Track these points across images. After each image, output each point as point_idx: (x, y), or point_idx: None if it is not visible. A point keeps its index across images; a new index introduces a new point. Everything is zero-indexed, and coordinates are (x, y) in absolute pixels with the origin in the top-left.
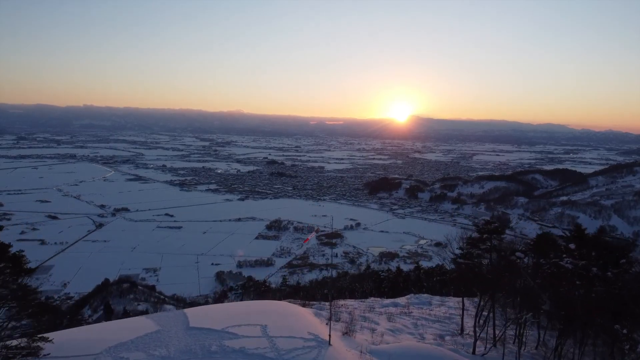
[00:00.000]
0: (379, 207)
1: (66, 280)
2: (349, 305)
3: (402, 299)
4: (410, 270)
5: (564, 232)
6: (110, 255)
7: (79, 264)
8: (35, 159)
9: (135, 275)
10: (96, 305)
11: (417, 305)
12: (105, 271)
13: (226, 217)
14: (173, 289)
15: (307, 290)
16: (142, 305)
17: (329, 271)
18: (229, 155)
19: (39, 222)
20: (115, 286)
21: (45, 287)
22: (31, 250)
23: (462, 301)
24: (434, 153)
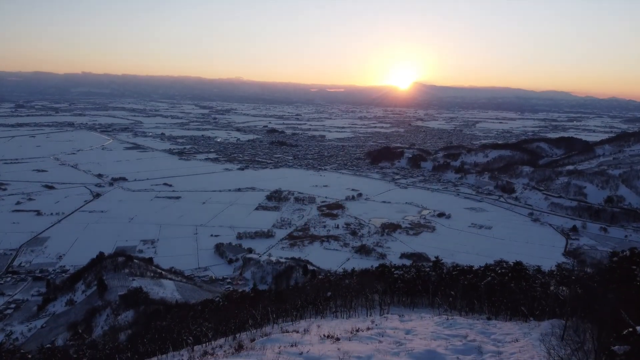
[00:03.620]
0: (381, 177)
1: (61, 253)
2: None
3: (430, 324)
4: (429, 269)
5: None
6: (107, 227)
7: (75, 235)
8: (32, 127)
9: (133, 247)
10: (90, 280)
11: (460, 351)
12: (102, 243)
13: (225, 187)
14: (171, 261)
15: (298, 292)
16: (137, 281)
17: (329, 242)
18: (229, 124)
19: (35, 192)
20: (110, 260)
21: (40, 260)
22: (27, 221)
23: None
24: (437, 121)
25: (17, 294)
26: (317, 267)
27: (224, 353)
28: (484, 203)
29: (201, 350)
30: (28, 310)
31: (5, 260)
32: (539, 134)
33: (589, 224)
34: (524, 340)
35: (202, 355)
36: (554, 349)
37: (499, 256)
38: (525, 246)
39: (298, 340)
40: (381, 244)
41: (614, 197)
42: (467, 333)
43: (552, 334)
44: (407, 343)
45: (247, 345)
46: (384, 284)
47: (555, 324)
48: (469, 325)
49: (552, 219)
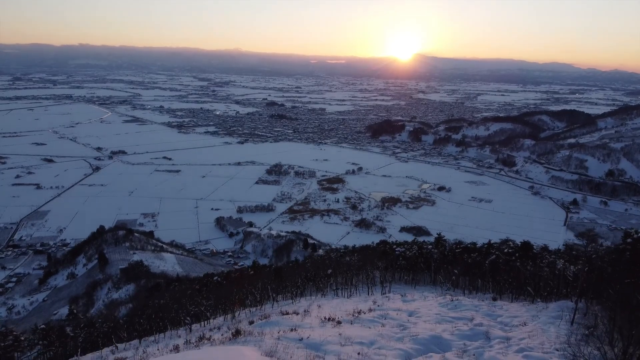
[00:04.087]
0: (382, 150)
1: (62, 226)
2: (353, 321)
3: (433, 305)
4: (432, 246)
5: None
6: (107, 200)
7: (75, 209)
8: (31, 100)
9: (133, 221)
10: (91, 254)
11: (467, 336)
12: (102, 217)
13: (225, 160)
14: (172, 235)
15: (298, 269)
16: (138, 254)
17: (330, 216)
18: (228, 96)
19: (34, 165)
20: (111, 234)
21: (41, 234)
22: (27, 195)
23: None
24: (438, 93)
25: (18, 267)
26: (317, 241)
27: (221, 337)
28: (484, 176)
29: (198, 333)
30: (29, 284)
31: (6, 234)
32: (540, 106)
33: (589, 198)
34: (532, 324)
35: (199, 340)
36: (564, 335)
37: (499, 229)
38: (525, 219)
39: (298, 324)
40: (381, 217)
41: (615, 170)
42: (473, 315)
43: (562, 318)
44: (410, 327)
45: (245, 330)
46: (385, 262)
47: (564, 306)
48: (475, 307)
49: (553, 192)
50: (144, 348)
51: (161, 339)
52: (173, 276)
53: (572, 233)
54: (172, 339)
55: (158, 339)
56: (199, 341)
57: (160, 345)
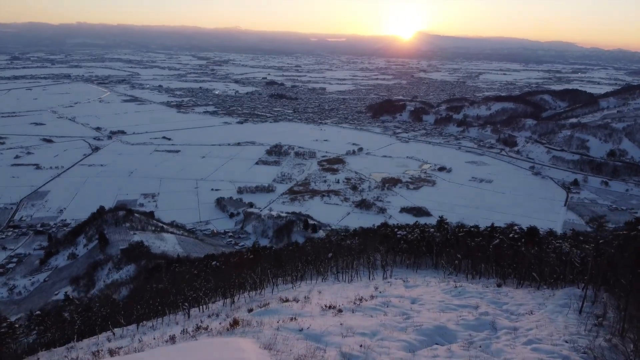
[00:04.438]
0: (382, 131)
1: (62, 207)
2: (355, 310)
3: (437, 291)
4: (434, 229)
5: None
6: (107, 180)
7: (75, 189)
8: (29, 80)
9: (133, 201)
10: (91, 235)
11: (473, 326)
12: (102, 197)
13: (225, 141)
14: (172, 215)
15: (298, 252)
16: (138, 235)
17: (330, 197)
18: (227, 75)
19: (33, 145)
20: (111, 214)
21: (41, 214)
22: (26, 175)
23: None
24: (440, 72)
25: (18, 248)
26: (317, 222)
27: (219, 327)
28: (485, 157)
29: (196, 320)
30: (30, 264)
31: (6, 214)
32: (542, 86)
33: (590, 178)
34: (539, 312)
35: (196, 329)
36: (573, 325)
37: (499, 210)
38: (525, 200)
39: (298, 312)
40: (381, 198)
41: (616, 150)
42: (478, 303)
43: (569, 306)
44: (414, 316)
45: (243, 319)
46: (386, 245)
47: (571, 294)
48: (479, 294)
49: (554, 172)
50: (140, 336)
51: (159, 324)
52: (174, 257)
53: (573, 213)
54: (169, 326)
55: (156, 325)
56: (196, 331)
57: (157, 333)
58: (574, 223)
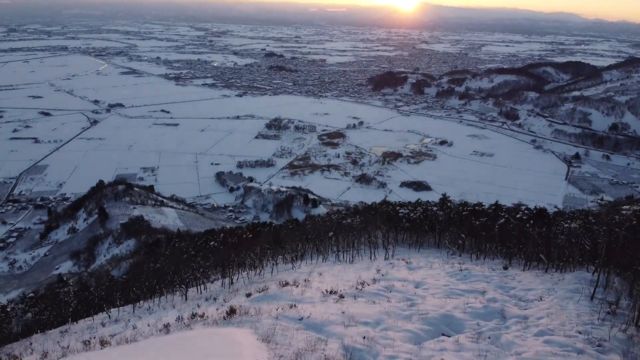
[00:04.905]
0: (383, 104)
1: (61, 181)
2: (358, 294)
3: (441, 274)
4: (437, 207)
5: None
6: (106, 154)
7: (74, 163)
8: (26, 52)
9: (133, 175)
10: (91, 209)
11: (481, 315)
12: (101, 171)
13: (224, 114)
14: (172, 189)
15: (299, 231)
16: (138, 209)
17: (330, 172)
18: (225, 47)
19: (31, 119)
20: (110, 189)
21: (40, 188)
22: (25, 149)
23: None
24: (442, 44)
25: (19, 222)
26: (317, 196)
27: (216, 314)
28: (486, 130)
29: (193, 304)
30: (30, 239)
31: (6, 188)
32: (545, 58)
33: (591, 152)
34: (549, 298)
35: (192, 317)
36: (585, 313)
37: (500, 184)
38: (526, 173)
39: (298, 298)
40: (382, 172)
41: (619, 124)
42: (484, 288)
43: (580, 292)
44: (418, 302)
45: (240, 307)
46: (388, 224)
47: (581, 278)
48: (485, 278)
49: (555, 146)
50: (134, 322)
51: (155, 307)
52: (174, 231)
53: (574, 187)
54: (165, 310)
55: (152, 307)
56: (191, 318)
57: (152, 318)
58: (575, 197)
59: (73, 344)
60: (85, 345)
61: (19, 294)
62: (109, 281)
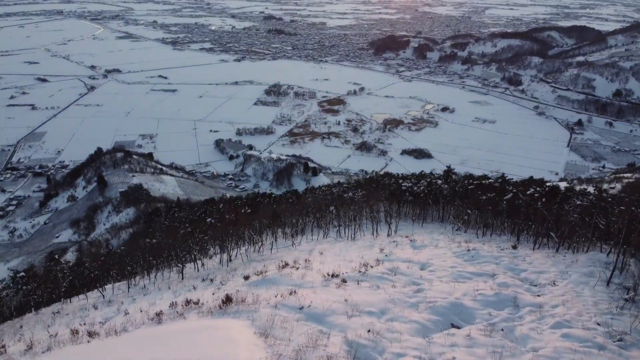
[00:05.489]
0: (385, 69)
1: (60, 148)
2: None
3: (447, 254)
4: (441, 181)
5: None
6: (104, 121)
7: (72, 130)
8: (20, 17)
9: (131, 142)
10: (90, 177)
11: (492, 303)
12: (100, 138)
13: (222, 79)
14: (171, 157)
15: (299, 205)
16: (137, 177)
17: (330, 139)
18: (223, 10)
19: (28, 85)
20: (109, 156)
21: (38, 156)
22: (22, 116)
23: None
24: (445, 6)
25: (18, 190)
26: (317, 165)
27: (211, 300)
28: (489, 96)
29: (189, 285)
30: (30, 207)
31: (4, 156)
32: (550, 22)
33: (594, 118)
34: (562, 283)
35: (185, 304)
36: (603, 300)
37: (502, 151)
38: (528, 141)
39: (298, 283)
40: (382, 140)
41: (622, 90)
42: (494, 270)
43: (596, 277)
44: (425, 287)
45: (237, 294)
46: (390, 199)
47: (595, 259)
48: (494, 259)
49: (558, 112)
50: (127, 307)
51: (151, 287)
52: (174, 199)
53: (576, 154)
54: (160, 292)
55: (147, 287)
56: (185, 305)
57: (145, 302)
58: (576, 164)
59: (62, 332)
60: (73, 336)
61: (18, 263)
62: (106, 254)
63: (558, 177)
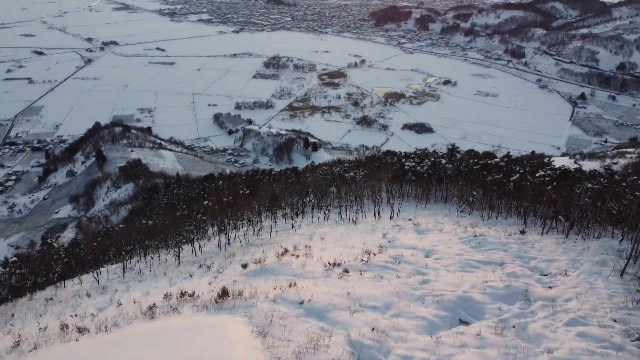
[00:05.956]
0: (386, 40)
1: (58, 122)
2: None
3: (453, 240)
4: (445, 160)
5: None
6: (102, 94)
7: (69, 104)
8: None
9: (130, 116)
10: (88, 152)
11: (502, 296)
12: (98, 112)
13: (220, 52)
14: (170, 131)
15: (299, 184)
16: (136, 152)
17: (330, 114)
18: None
19: (25, 58)
20: (107, 131)
21: (36, 130)
22: (19, 90)
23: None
24: None
25: (16, 165)
26: (317, 140)
27: (207, 290)
28: (491, 69)
29: (186, 272)
30: (29, 182)
31: (2, 131)
32: None
33: (597, 92)
34: (574, 273)
35: (180, 296)
36: (618, 293)
37: (503, 125)
38: (530, 115)
39: (298, 272)
40: (383, 114)
41: (626, 63)
42: (502, 258)
43: (609, 266)
44: (431, 278)
45: (235, 282)
46: (393, 180)
47: (607, 246)
48: (502, 246)
49: (561, 85)
50: (120, 296)
51: (146, 272)
52: (173, 175)
53: (578, 128)
54: (156, 279)
55: (143, 272)
56: (180, 297)
57: (139, 291)
58: (579, 139)
59: (52, 324)
60: (62, 331)
61: (18, 239)
62: (103, 234)
63: (560, 151)
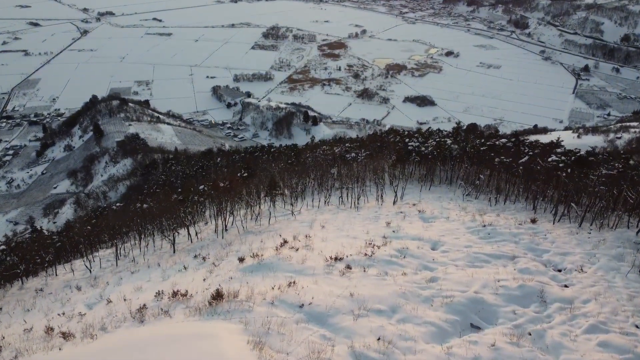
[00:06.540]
0: (388, 10)
1: (54, 95)
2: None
3: (460, 229)
4: (451, 140)
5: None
6: (98, 67)
7: (66, 76)
8: None
9: (127, 89)
10: (86, 126)
11: (516, 298)
12: (95, 84)
13: (218, 22)
14: (168, 104)
15: (299, 166)
16: (134, 126)
17: (331, 86)
18: None
19: (20, 30)
20: (104, 104)
21: (33, 103)
22: (15, 63)
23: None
24: None
25: (14, 139)
26: (318, 113)
27: (201, 289)
28: (494, 40)
29: (180, 263)
30: (27, 156)
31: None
32: None
33: (601, 64)
34: (591, 269)
35: (173, 295)
36: (637, 293)
37: (506, 98)
38: (533, 87)
39: (298, 269)
40: (384, 87)
41: (631, 35)
42: (513, 251)
43: (627, 261)
44: (439, 275)
45: (231, 279)
46: (396, 163)
47: (624, 239)
48: (513, 237)
49: (565, 57)
50: (111, 291)
51: (140, 260)
52: (171, 149)
53: (581, 101)
54: (149, 270)
55: (136, 260)
56: (172, 297)
57: (131, 285)
58: (581, 112)
59: (37, 325)
60: (47, 335)
61: (17, 214)
62: (98, 215)
63: (562, 125)
